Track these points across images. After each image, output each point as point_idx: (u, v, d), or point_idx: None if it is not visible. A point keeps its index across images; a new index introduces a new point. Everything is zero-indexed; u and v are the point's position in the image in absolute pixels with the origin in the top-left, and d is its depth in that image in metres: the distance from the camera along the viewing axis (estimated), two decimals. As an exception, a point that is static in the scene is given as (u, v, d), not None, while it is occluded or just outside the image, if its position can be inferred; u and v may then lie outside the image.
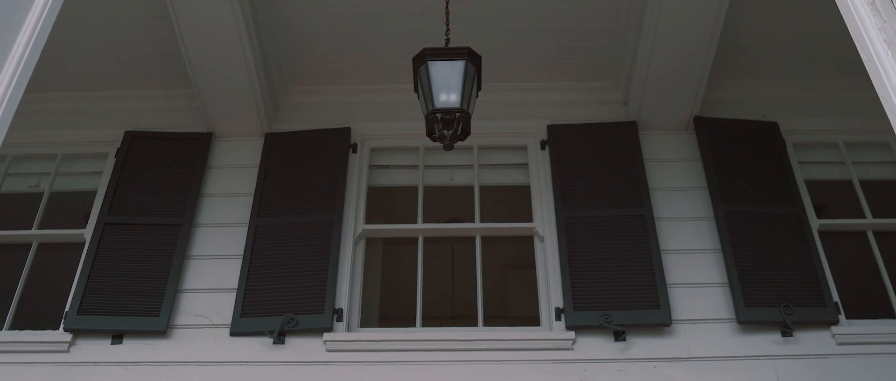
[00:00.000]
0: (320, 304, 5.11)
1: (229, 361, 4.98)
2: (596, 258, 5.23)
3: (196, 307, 5.19)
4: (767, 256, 5.17)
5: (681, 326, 4.98)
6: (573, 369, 4.87)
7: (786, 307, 4.87)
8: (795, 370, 4.74)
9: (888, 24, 2.19)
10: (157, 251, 5.39)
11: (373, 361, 4.94)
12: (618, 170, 5.64)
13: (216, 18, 5.38)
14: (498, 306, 8.15)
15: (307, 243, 5.38)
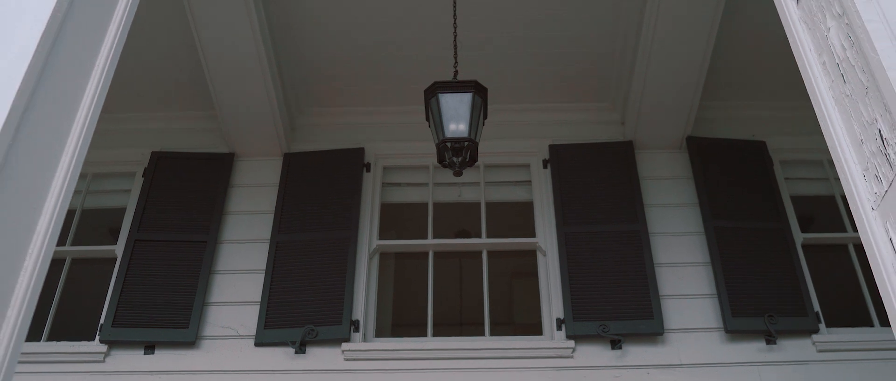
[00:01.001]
0: (338, 316, 5.49)
1: (254, 369, 5.36)
2: (594, 272, 5.61)
3: (223, 319, 5.58)
4: (754, 268, 5.54)
5: (672, 334, 5.36)
6: (573, 375, 5.25)
7: (770, 317, 5.25)
8: (778, 375, 5.12)
9: (835, 84, 2.56)
10: (185, 266, 5.78)
11: (388, 369, 5.33)
12: (615, 187, 6.02)
13: (238, 47, 5.75)
14: (503, 313, 8.53)
15: (325, 259, 5.77)
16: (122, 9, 2.96)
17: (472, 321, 7.80)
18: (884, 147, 2.24)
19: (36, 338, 5.58)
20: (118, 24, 2.88)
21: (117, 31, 2.90)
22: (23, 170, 2.26)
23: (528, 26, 5.99)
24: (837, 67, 2.53)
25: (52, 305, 5.82)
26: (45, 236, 2.34)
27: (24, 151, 2.27)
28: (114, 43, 2.88)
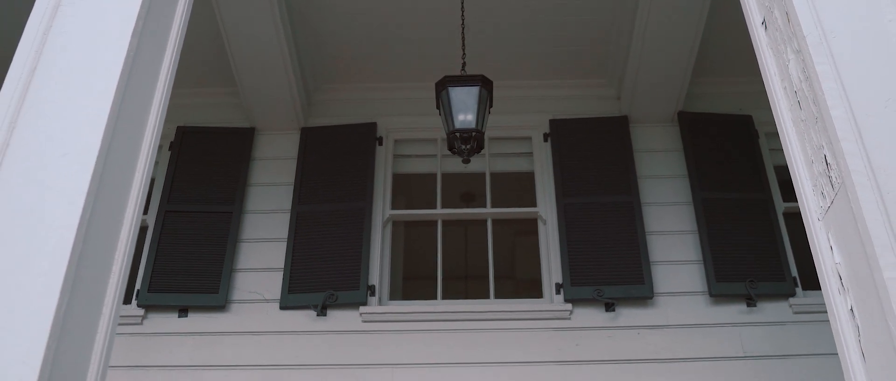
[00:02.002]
0: (356, 281, 5.99)
1: (279, 331, 5.87)
2: (591, 240, 6.09)
3: (249, 285, 6.08)
4: (737, 236, 6.02)
5: (661, 298, 5.87)
6: (570, 335, 5.77)
7: (751, 282, 5.75)
8: (757, 335, 5.63)
9: (793, 108, 3.01)
10: (213, 235, 6.26)
11: (402, 330, 5.84)
12: (611, 160, 6.47)
13: (258, 29, 6.14)
14: (506, 267, 9.05)
15: (342, 228, 6.24)
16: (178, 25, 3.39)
17: (477, 274, 8.28)
18: (827, 170, 2.69)
19: (79, 303, 6.06)
20: (175, 41, 3.32)
21: (174, 48, 3.34)
22: (119, 159, 2.73)
23: (532, 9, 6.37)
24: (795, 94, 2.97)
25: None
26: (134, 209, 2.82)
27: (118, 146, 2.74)
28: (173, 59, 3.31)
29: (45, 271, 2.37)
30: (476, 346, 5.75)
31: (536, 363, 5.65)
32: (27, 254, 2.42)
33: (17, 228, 2.47)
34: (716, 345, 5.64)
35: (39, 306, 2.31)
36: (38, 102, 2.74)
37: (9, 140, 2.66)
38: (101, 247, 2.64)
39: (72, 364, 2.39)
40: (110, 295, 2.66)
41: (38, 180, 2.56)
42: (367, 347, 5.77)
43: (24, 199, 2.52)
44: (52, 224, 2.47)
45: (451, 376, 5.59)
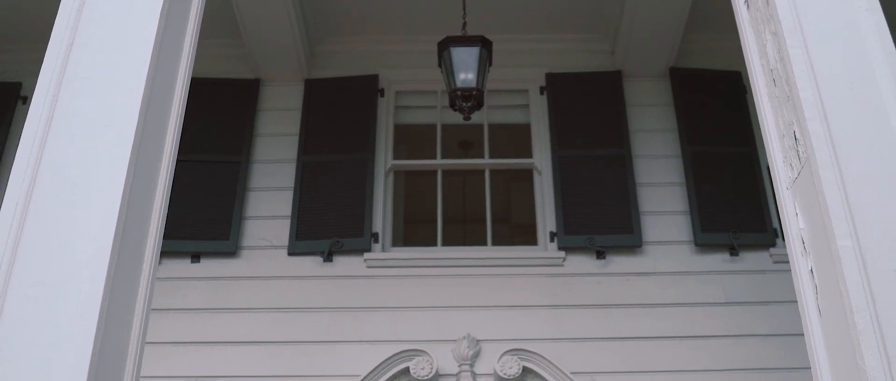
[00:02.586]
0: (360, 229, 6.31)
1: (288, 276, 6.20)
2: (583, 190, 6.40)
3: (258, 232, 6.39)
4: (723, 189, 6.33)
5: (649, 247, 6.20)
6: (563, 281, 6.11)
7: (734, 233, 6.07)
8: (739, 283, 5.98)
9: (769, 84, 3.29)
10: (223, 184, 6.54)
11: (404, 275, 6.17)
12: (604, 113, 6.74)
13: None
14: (502, 211, 9.36)
15: (346, 177, 6.53)
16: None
17: (474, 219, 8.61)
18: (796, 145, 2.98)
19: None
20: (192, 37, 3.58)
21: (191, 44, 3.59)
22: (154, 124, 3.02)
23: (529, -35, 6.60)
24: (771, 72, 3.25)
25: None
26: (168, 166, 3.13)
27: (152, 120, 3.02)
28: (190, 54, 3.57)
29: (96, 235, 2.67)
30: (474, 290, 6.09)
31: (531, 307, 6.00)
32: (78, 216, 2.72)
33: (66, 192, 2.76)
34: (700, 292, 5.98)
35: (93, 265, 2.61)
36: (78, 77, 3.01)
37: (53, 112, 2.94)
38: (140, 208, 2.93)
39: (120, 316, 2.71)
40: (148, 254, 2.97)
41: (85, 148, 2.84)
42: (371, 291, 6.10)
43: (72, 169, 2.80)
44: (100, 188, 2.76)
45: (451, 319, 5.93)
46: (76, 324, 2.50)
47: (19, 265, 2.62)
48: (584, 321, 5.93)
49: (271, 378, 5.78)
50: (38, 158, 2.82)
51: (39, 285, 2.59)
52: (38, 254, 2.64)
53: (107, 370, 2.58)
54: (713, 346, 5.79)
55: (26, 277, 2.60)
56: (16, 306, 2.55)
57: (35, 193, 2.75)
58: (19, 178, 2.77)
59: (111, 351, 2.62)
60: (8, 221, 2.68)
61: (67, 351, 2.46)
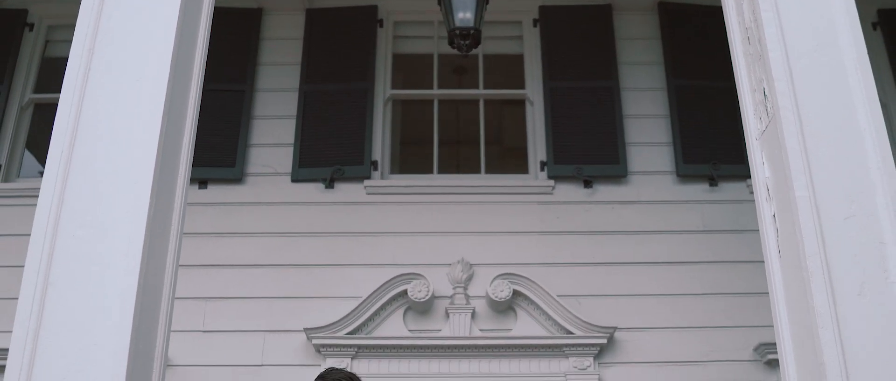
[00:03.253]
0: (360, 157, 6.62)
1: (292, 201, 6.53)
2: (573, 121, 6.70)
3: (263, 159, 6.69)
4: (705, 122, 6.63)
5: (634, 176, 6.54)
6: (552, 208, 6.47)
7: (714, 164, 6.41)
8: (717, 212, 6.34)
9: (744, 41, 3.57)
10: (228, 112, 6.81)
11: (402, 202, 6.50)
12: (594, 47, 6.99)
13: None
14: (493, 133, 9.63)
15: (347, 106, 6.80)
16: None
17: (469, 143, 8.89)
18: (765, 100, 3.29)
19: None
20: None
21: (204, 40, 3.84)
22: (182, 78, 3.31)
23: None
24: (746, 30, 3.54)
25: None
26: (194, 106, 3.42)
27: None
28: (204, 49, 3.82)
29: (137, 180, 2.97)
30: (468, 217, 6.44)
31: (522, 233, 6.36)
32: (120, 159, 3.02)
33: (107, 139, 3.06)
34: (680, 220, 6.35)
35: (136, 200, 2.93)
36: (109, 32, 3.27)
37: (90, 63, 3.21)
38: (173, 148, 3.23)
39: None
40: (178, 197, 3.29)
41: (123, 94, 3.12)
42: (371, 217, 6.44)
43: (112, 116, 3.09)
44: (139, 133, 3.05)
45: (446, 244, 6.29)
46: (122, 262, 2.82)
47: (66, 210, 2.93)
48: (572, 247, 6.30)
49: (276, 300, 6.16)
50: (79, 107, 3.10)
51: (85, 227, 2.91)
52: (83, 198, 2.94)
53: (149, 297, 2.91)
54: (692, 271, 6.18)
55: (73, 219, 2.91)
56: (64, 248, 2.87)
57: (78, 141, 3.04)
58: (62, 126, 3.06)
59: (152, 281, 2.95)
60: (54, 168, 2.98)
61: (114, 290, 2.79)
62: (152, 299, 2.98)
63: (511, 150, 8.98)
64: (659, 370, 5.92)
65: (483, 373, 5.89)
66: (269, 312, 6.10)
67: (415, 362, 5.93)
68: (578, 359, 5.87)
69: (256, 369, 5.91)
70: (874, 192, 2.93)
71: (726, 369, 5.86)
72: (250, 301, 6.15)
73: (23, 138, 6.95)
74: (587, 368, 5.85)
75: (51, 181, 2.98)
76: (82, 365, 2.70)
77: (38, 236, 2.91)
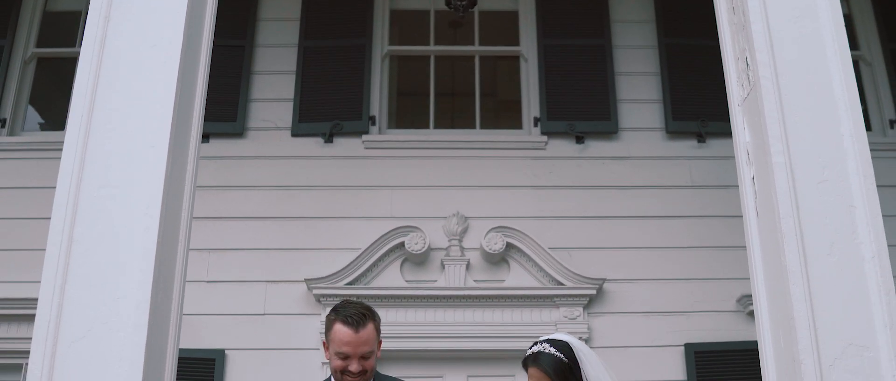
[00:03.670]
0: (358, 111, 6.78)
1: (292, 156, 6.70)
2: (566, 78, 6.85)
3: (263, 114, 6.84)
4: (695, 79, 6.78)
5: (625, 133, 6.73)
6: (545, 163, 6.66)
7: (702, 121, 6.59)
8: (704, 168, 6.54)
9: (729, 12, 3.74)
10: (229, 68, 6.94)
11: (399, 156, 6.68)
12: (588, 5, 7.11)
13: None
14: (489, 85, 9.76)
15: (346, 62, 6.94)
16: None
17: (464, 98, 9.04)
18: (747, 69, 3.47)
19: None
20: None
21: None
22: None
23: None
24: (731, 1, 3.70)
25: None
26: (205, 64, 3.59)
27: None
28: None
29: (153, 143, 3.15)
30: (463, 171, 6.63)
31: (515, 188, 6.57)
32: (138, 111, 3.19)
33: (125, 95, 3.23)
34: (669, 175, 6.56)
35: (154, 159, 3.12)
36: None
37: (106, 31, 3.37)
38: (186, 107, 3.40)
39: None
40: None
41: (136, 69, 3.29)
42: (369, 171, 6.62)
43: (129, 79, 3.26)
44: (153, 104, 3.23)
45: (442, 197, 6.49)
46: (142, 220, 3.02)
47: (88, 171, 3.11)
48: (564, 201, 6.51)
49: (277, 251, 6.37)
50: (97, 74, 3.27)
51: (106, 187, 3.10)
52: (103, 160, 3.13)
53: (167, 251, 3.11)
54: (679, 225, 6.40)
55: (94, 180, 3.10)
56: (86, 207, 3.06)
57: (96, 106, 3.21)
58: (82, 91, 3.22)
59: (169, 236, 3.14)
60: (75, 132, 3.16)
61: (135, 246, 2.99)
62: (169, 253, 3.17)
63: (505, 105, 9.16)
64: (646, 320, 6.17)
65: (477, 322, 6.14)
66: (271, 263, 6.32)
67: (411, 311, 6.17)
68: (569, 309, 6.13)
69: (259, 317, 6.14)
70: (846, 159, 3.14)
71: (710, 319, 6.12)
72: (252, 253, 6.36)
73: (26, 92, 7.09)
74: (577, 317, 6.11)
75: (72, 144, 3.16)
76: (107, 317, 2.91)
77: (62, 196, 3.11)
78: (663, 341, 6.11)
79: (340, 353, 3.42)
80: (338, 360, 3.43)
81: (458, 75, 7.55)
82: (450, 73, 7.64)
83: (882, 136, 6.78)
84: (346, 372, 3.43)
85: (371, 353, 3.47)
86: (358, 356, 3.43)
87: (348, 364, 3.42)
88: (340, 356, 3.42)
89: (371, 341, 3.45)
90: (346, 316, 3.44)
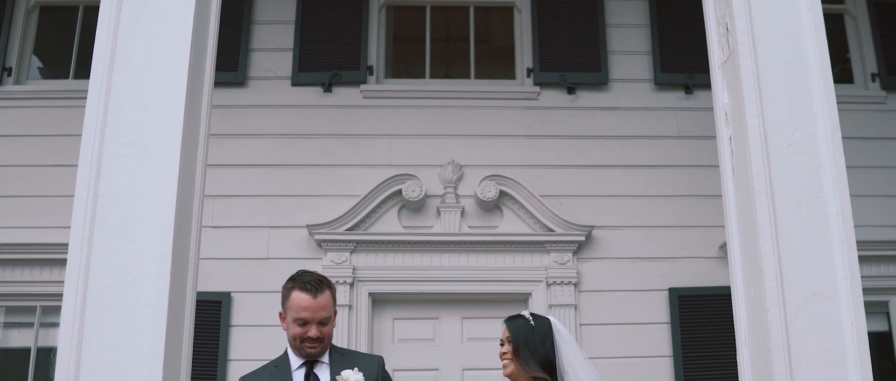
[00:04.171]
0: (357, 62, 6.97)
1: (291, 105, 6.90)
2: (558, 29, 7.04)
3: (264, 64, 7.02)
4: (684, 31, 6.95)
5: (615, 84, 6.94)
6: (537, 113, 6.88)
7: (690, 73, 6.80)
8: (691, 118, 6.76)
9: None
10: (230, 17, 6.95)
11: (396, 106, 6.89)
12: (580, -44, 7.28)
13: None
14: (483, 35, 9.92)
15: (344, 12, 7.10)
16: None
17: (459, 45, 9.21)
18: (727, 33, 3.69)
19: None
20: None
21: None
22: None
23: None
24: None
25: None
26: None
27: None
28: None
29: (170, 105, 3.37)
30: (458, 120, 6.85)
31: (509, 137, 6.80)
32: (156, 74, 3.41)
33: (142, 52, 3.44)
34: (657, 126, 6.79)
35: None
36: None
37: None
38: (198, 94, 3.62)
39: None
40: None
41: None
42: (367, 120, 6.84)
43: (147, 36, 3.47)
44: (169, 66, 3.44)
45: (439, 146, 6.72)
46: (162, 176, 3.25)
47: (109, 130, 3.33)
48: (555, 150, 6.75)
49: (279, 197, 6.61)
50: (115, 37, 3.47)
51: (128, 144, 3.33)
52: (124, 119, 3.34)
53: (185, 203, 3.34)
54: (665, 174, 6.66)
55: (116, 138, 3.32)
56: (109, 164, 3.29)
57: (115, 69, 3.42)
58: (101, 53, 3.43)
59: (187, 189, 3.37)
60: (96, 92, 3.37)
61: (156, 199, 3.23)
62: (187, 205, 3.41)
63: (499, 56, 9.34)
64: (632, 265, 6.47)
65: (471, 266, 6.42)
66: (273, 209, 6.57)
67: (408, 256, 6.45)
68: (559, 255, 6.41)
69: (263, 261, 6.42)
70: (816, 122, 3.38)
71: (693, 265, 6.42)
72: (255, 199, 6.59)
73: (31, 41, 7.25)
74: (566, 263, 6.40)
75: (94, 104, 3.37)
76: (133, 265, 3.16)
77: (87, 152, 3.32)
78: (648, 285, 6.41)
79: (299, 319, 3.51)
80: (297, 327, 3.52)
81: (454, 26, 7.72)
82: (445, 23, 7.80)
83: (864, 89, 7.01)
84: (306, 339, 3.52)
85: (328, 319, 3.55)
86: (316, 322, 3.51)
87: (307, 330, 3.51)
88: (299, 322, 3.51)
89: (328, 307, 3.54)
90: (305, 283, 3.57)
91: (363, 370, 3.51)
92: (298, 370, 3.59)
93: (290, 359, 3.63)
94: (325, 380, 3.57)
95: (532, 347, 3.45)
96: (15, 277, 6.34)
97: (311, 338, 3.53)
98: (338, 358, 3.62)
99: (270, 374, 3.61)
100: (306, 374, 3.58)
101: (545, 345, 3.45)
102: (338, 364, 3.57)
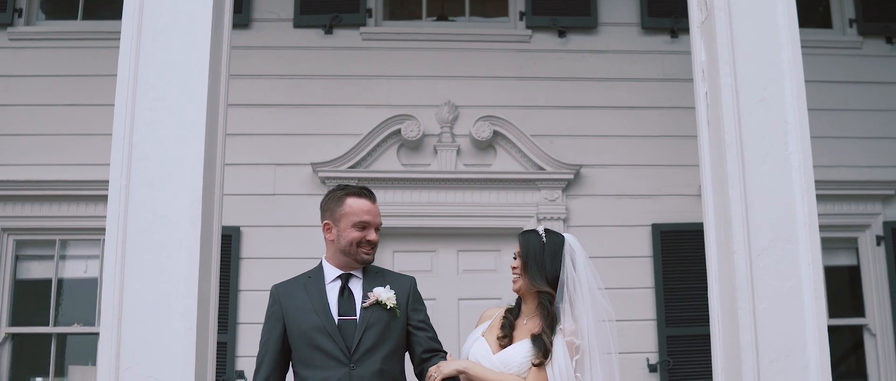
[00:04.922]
0: (356, 5, 7.22)
1: (294, 46, 7.17)
2: (550, -26, 7.30)
3: (266, 6, 7.27)
4: (671, -24, 7.25)
5: (603, 28, 7.24)
6: (529, 55, 7.19)
7: (675, 18, 7.08)
8: (676, 62, 7.05)
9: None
10: (232, -39, 7.32)
11: (394, 48, 7.17)
12: None
13: None
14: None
15: (343, -43, 7.35)
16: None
17: None
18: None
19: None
20: None
21: None
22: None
23: None
24: None
25: None
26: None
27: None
28: None
29: (197, 61, 3.69)
30: (454, 62, 7.14)
31: (502, 78, 7.11)
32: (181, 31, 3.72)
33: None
34: (643, 68, 7.11)
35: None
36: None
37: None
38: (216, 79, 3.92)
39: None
40: (224, 69, 4.01)
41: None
42: (367, 62, 7.12)
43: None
44: (193, 27, 3.74)
45: (435, 87, 7.02)
46: (192, 130, 3.59)
47: (141, 86, 3.65)
48: (546, 92, 7.07)
49: (284, 136, 6.94)
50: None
51: (159, 100, 3.65)
52: (154, 77, 3.66)
53: (211, 145, 3.67)
54: (650, 115, 7.00)
55: (148, 94, 3.64)
56: (142, 118, 3.62)
57: (143, 30, 3.72)
58: (130, 19, 3.73)
59: (212, 137, 3.70)
60: (127, 51, 3.68)
61: (188, 151, 3.57)
62: (212, 150, 3.74)
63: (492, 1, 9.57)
64: (617, 202, 6.86)
65: (466, 202, 6.81)
66: (278, 148, 6.90)
67: (407, 192, 6.83)
68: (549, 192, 6.80)
69: (270, 197, 6.78)
70: (784, 81, 3.73)
71: (674, 202, 6.81)
72: (260, 138, 6.91)
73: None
74: (556, 199, 6.79)
75: (126, 62, 3.68)
76: (168, 210, 3.52)
77: (121, 105, 3.65)
78: (632, 221, 6.83)
79: (361, 222, 3.63)
80: (356, 231, 3.62)
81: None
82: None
83: (842, 34, 7.32)
84: (364, 243, 3.63)
85: (381, 226, 3.73)
86: (375, 226, 3.67)
87: (367, 234, 3.63)
88: (360, 226, 3.63)
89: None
90: (360, 189, 3.77)
91: (395, 288, 3.63)
92: (332, 284, 3.69)
93: (325, 272, 3.73)
94: (358, 294, 3.66)
95: (541, 263, 3.60)
96: (35, 212, 6.70)
97: (371, 242, 3.65)
98: (372, 275, 3.71)
99: (303, 284, 3.72)
100: (341, 288, 3.67)
101: (555, 263, 3.61)
102: (371, 281, 3.67)
